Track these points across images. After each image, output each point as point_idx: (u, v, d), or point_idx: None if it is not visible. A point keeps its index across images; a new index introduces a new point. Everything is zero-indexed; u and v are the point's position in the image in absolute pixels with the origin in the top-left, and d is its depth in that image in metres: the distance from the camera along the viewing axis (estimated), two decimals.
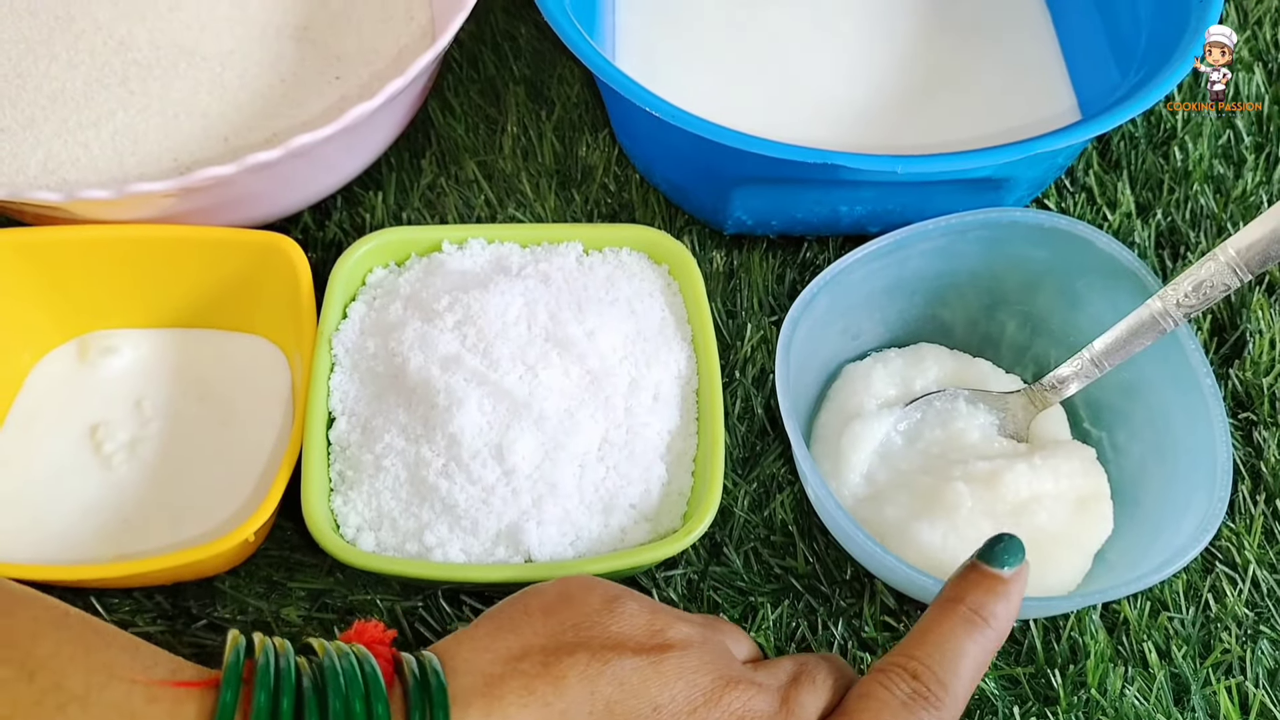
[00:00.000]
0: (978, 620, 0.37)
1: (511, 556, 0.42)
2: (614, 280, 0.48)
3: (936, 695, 0.35)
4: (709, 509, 0.42)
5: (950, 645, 0.36)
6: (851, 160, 0.45)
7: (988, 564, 0.38)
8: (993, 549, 0.38)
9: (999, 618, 0.37)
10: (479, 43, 0.63)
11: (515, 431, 0.43)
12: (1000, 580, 0.37)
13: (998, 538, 0.38)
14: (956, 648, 0.36)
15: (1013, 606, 0.37)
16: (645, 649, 0.35)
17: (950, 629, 0.36)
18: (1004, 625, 0.37)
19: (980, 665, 0.37)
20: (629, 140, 0.57)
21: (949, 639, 0.36)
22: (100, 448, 0.48)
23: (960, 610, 0.37)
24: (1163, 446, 0.47)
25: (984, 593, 0.37)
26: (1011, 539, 0.38)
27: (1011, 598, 0.37)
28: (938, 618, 0.37)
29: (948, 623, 0.37)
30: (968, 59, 0.59)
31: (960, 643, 0.36)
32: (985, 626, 0.37)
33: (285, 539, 0.48)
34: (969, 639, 0.36)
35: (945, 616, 0.37)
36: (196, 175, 0.45)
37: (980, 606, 0.37)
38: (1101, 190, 0.58)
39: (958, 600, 0.37)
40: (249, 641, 0.34)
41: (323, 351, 0.46)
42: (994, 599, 0.37)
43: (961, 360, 0.51)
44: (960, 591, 0.37)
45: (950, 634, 0.36)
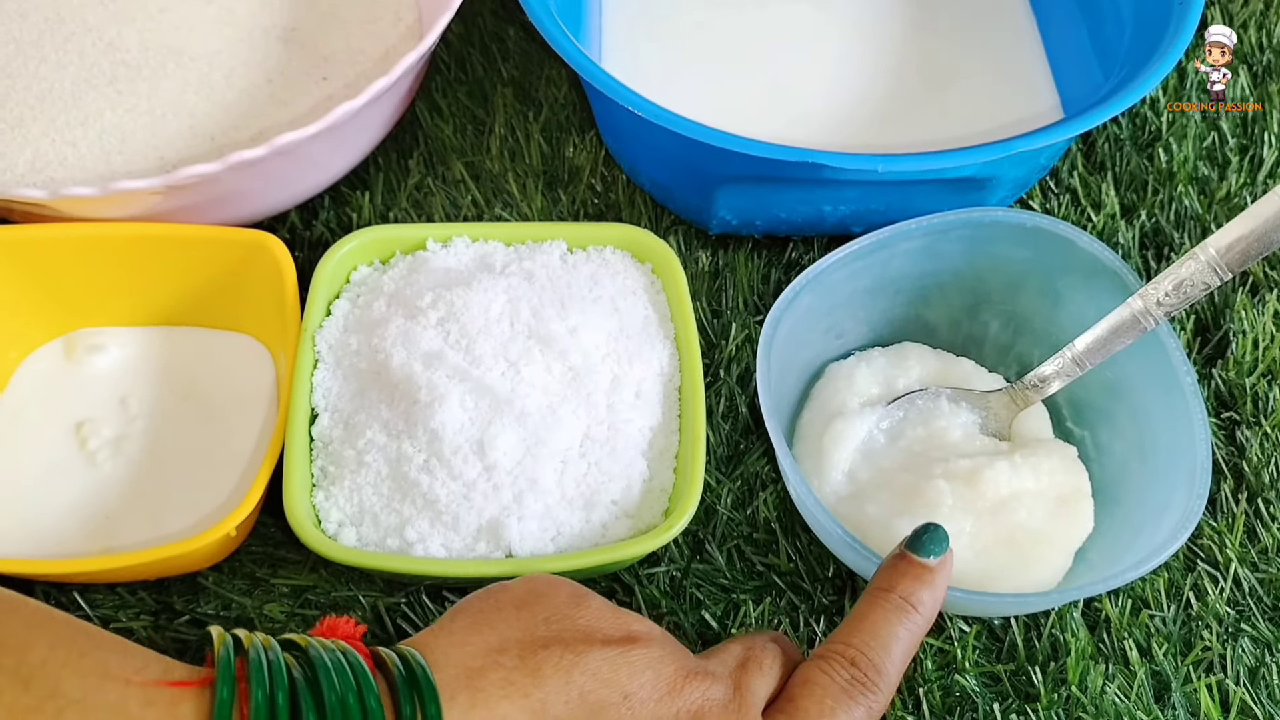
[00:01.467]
0: (907, 607, 0.39)
1: (492, 552, 0.43)
2: (597, 278, 0.48)
3: (873, 680, 0.37)
4: (690, 504, 0.43)
5: (883, 631, 0.38)
6: (833, 159, 0.46)
7: (915, 553, 0.40)
8: (919, 539, 0.40)
9: (926, 604, 0.39)
10: (467, 44, 0.63)
11: (497, 427, 0.43)
12: (926, 569, 0.40)
13: (923, 528, 0.41)
14: (889, 633, 0.38)
15: (938, 593, 0.40)
16: (614, 641, 0.36)
17: (883, 616, 0.39)
18: (930, 611, 0.40)
19: (910, 649, 0.39)
20: (614, 141, 0.57)
21: (882, 626, 0.39)
22: (85, 444, 0.48)
23: (891, 599, 0.39)
24: (1144, 445, 0.47)
25: (912, 581, 0.39)
26: (936, 529, 0.41)
27: (937, 585, 0.40)
28: (871, 605, 0.39)
29: (880, 610, 0.39)
30: (952, 59, 0.59)
31: (893, 629, 0.39)
32: (914, 613, 0.39)
33: (268, 535, 0.48)
34: (900, 625, 0.39)
35: (877, 604, 0.39)
36: (181, 173, 0.45)
37: (909, 594, 0.39)
38: (1086, 191, 0.58)
39: (889, 589, 0.39)
40: (235, 638, 0.34)
41: (306, 348, 0.46)
42: (921, 587, 0.39)
43: (944, 359, 0.52)
44: (890, 581, 0.40)
45: (883, 621, 0.39)
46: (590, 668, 0.35)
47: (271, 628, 0.46)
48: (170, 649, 0.45)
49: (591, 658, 0.35)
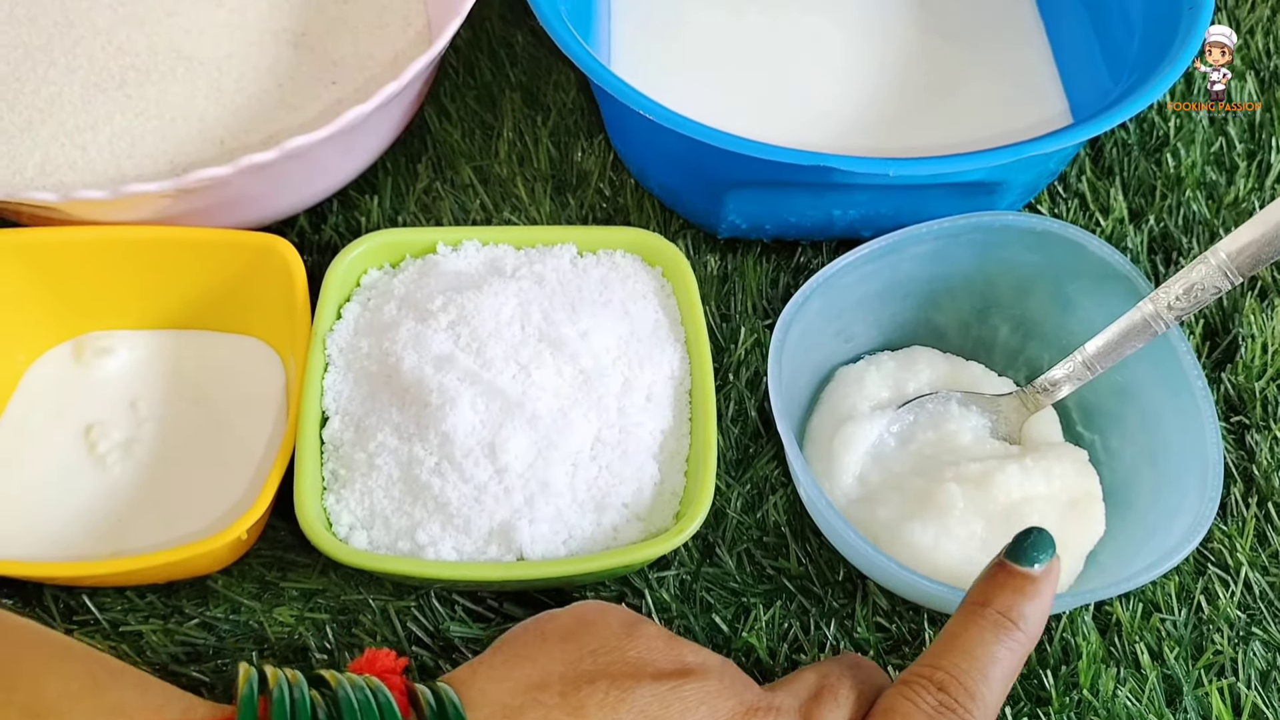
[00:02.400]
0: (1007, 624, 0.35)
1: (504, 555, 0.43)
2: (608, 282, 0.48)
3: (964, 706, 0.34)
4: (701, 508, 0.42)
5: (979, 652, 0.35)
6: (843, 163, 0.46)
7: (1016, 562, 0.36)
8: (1020, 545, 0.36)
9: (1029, 620, 0.35)
10: (475, 49, 0.64)
11: (508, 430, 0.43)
12: (1029, 579, 0.36)
13: (1026, 532, 0.37)
14: (986, 654, 0.35)
15: (1044, 605, 0.36)
16: (665, 675, 0.34)
17: (979, 634, 0.35)
18: (1035, 627, 0.36)
19: (1012, 671, 0.35)
20: (623, 145, 0.57)
21: (977, 645, 0.35)
22: (95, 447, 0.48)
23: (988, 614, 0.35)
24: (1154, 449, 0.47)
25: (1012, 593, 0.36)
26: (1041, 533, 0.37)
27: (1042, 596, 0.36)
28: (965, 623, 0.35)
29: (975, 628, 0.35)
30: (960, 65, 0.60)
31: (990, 649, 0.35)
32: (1015, 630, 0.35)
33: (278, 539, 0.48)
34: (999, 644, 0.35)
35: (973, 621, 0.35)
36: (192, 176, 0.45)
37: (1009, 609, 0.35)
38: (1094, 196, 0.58)
39: (985, 603, 0.36)
40: (261, 675, 0.33)
41: (316, 351, 0.46)
42: (1023, 599, 0.36)
43: (954, 363, 0.52)
44: (987, 594, 0.36)
45: (979, 640, 0.35)
46: (638, 705, 0.33)
47: (281, 631, 0.45)
48: (180, 653, 0.45)
49: (640, 694, 0.33)
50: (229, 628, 0.46)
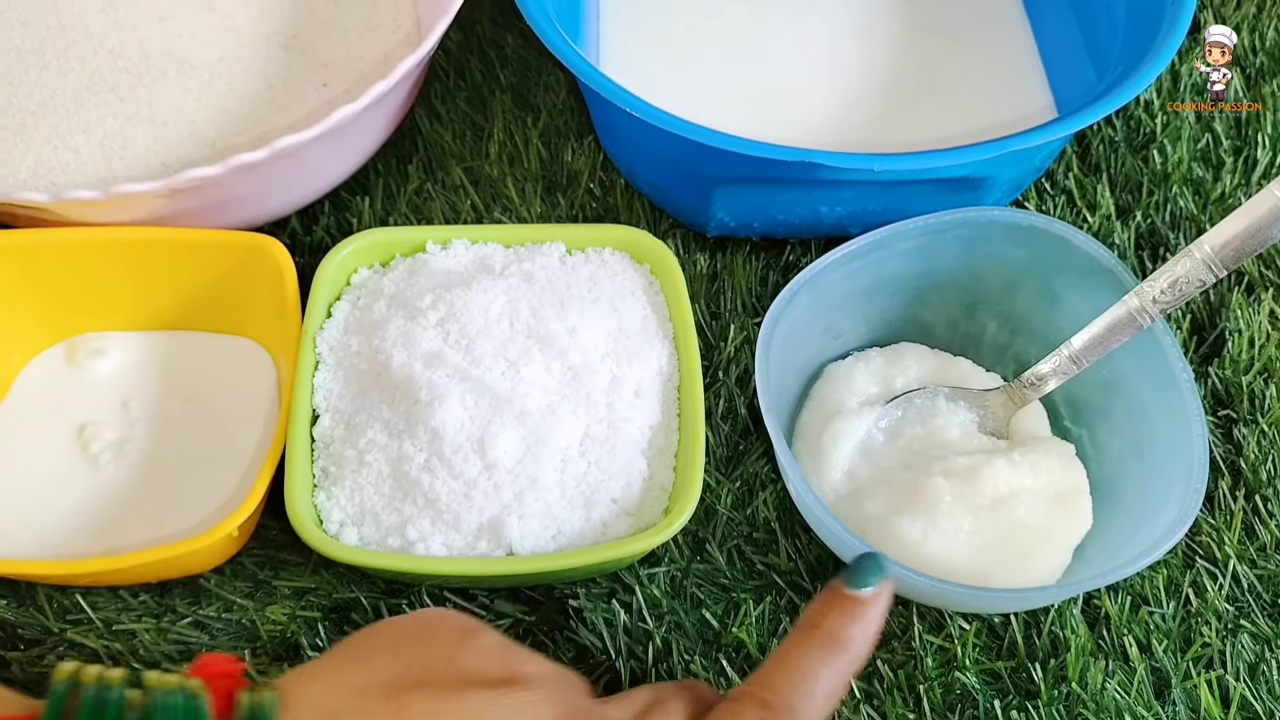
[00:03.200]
0: (833, 644, 0.37)
1: (493, 550, 0.43)
2: (596, 279, 0.49)
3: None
4: (690, 502, 0.43)
5: (803, 671, 0.36)
6: (829, 158, 0.46)
7: (848, 585, 0.38)
8: (854, 569, 0.38)
9: (856, 640, 0.37)
10: (466, 51, 0.64)
11: (497, 426, 0.43)
12: (858, 603, 0.37)
13: (861, 557, 0.38)
14: (810, 674, 0.36)
15: (871, 627, 0.37)
16: (492, 684, 0.34)
17: (805, 654, 0.36)
18: (861, 647, 0.37)
19: (835, 689, 0.37)
20: (612, 144, 0.57)
21: (802, 664, 0.36)
22: (88, 447, 0.48)
23: (816, 635, 0.37)
24: (1141, 442, 0.47)
25: (841, 615, 0.37)
26: (873, 558, 0.38)
27: (870, 619, 0.37)
28: (794, 643, 0.37)
29: (803, 648, 0.37)
30: (947, 60, 0.60)
31: (814, 669, 0.36)
32: (841, 650, 0.37)
33: (270, 538, 0.48)
34: (823, 664, 0.36)
35: (801, 641, 0.37)
36: (182, 176, 0.45)
37: (836, 630, 0.37)
38: (1081, 193, 0.59)
39: (815, 625, 0.37)
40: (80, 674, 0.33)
41: (307, 349, 0.46)
42: (851, 621, 0.37)
43: (942, 359, 0.52)
44: (818, 616, 0.37)
45: (804, 659, 0.36)
46: (460, 712, 0.33)
47: (274, 629, 0.46)
48: (173, 651, 0.45)
49: (463, 702, 0.33)
50: (222, 626, 0.46)
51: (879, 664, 0.45)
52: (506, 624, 0.46)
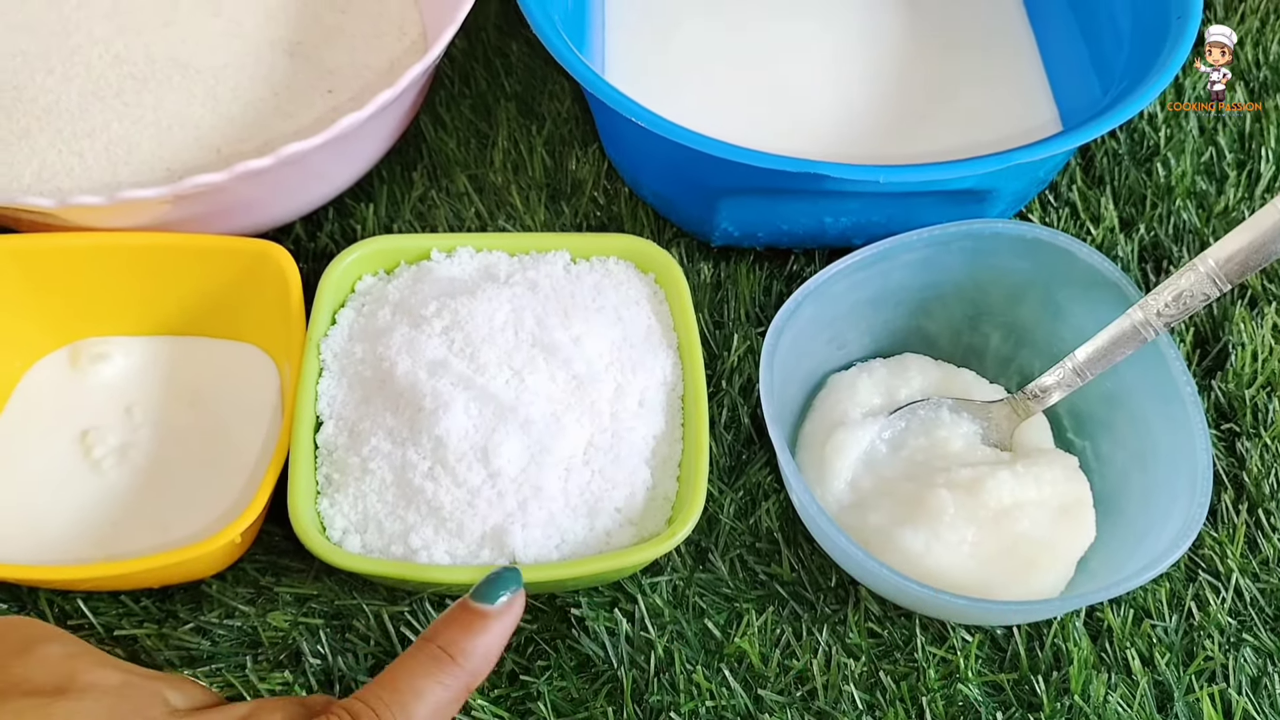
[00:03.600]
0: (445, 659, 0.37)
1: (497, 559, 0.43)
2: (601, 288, 0.49)
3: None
4: (693, 511, 0.43)
5: (406, 685, 0.36)
6: (834, 170, 0.46)
7: (476, 599, 0.38)
8: (485, 582, 0.38)
9: (470, 655, 0.37)
10: (471, 59, 0.64)
11: (501, 435, 0.43)
12: (480, 616, 0.37)
13: (496, 571, 0.39)
14: (412, 688, 0.36)
15: (491, 642, 0.38)
16: (40, 691, 0.34)
17: (412, 668, 0.36)
18: (479, 662, 0.37)
19: (440, 706, 0.36)
20: (617, 153, 0.57)
21: (408, 679, 0.36)
22: (90, 452, 0.48)
23: (429, 649, 0.37)
24: (1144, 455, 0.47)
25: (460, 629, 0.37)
26: (507, 571, 0.39)
27: (490, 633, 0.37)
28: (407, 657, 0.37)
29: (413, 662, 0.37)
30: (952, 74, 0.60)
31: (418, 682, 0.36)
32: (452, 664, 0.37)
33: (273, 544, 0.48)
34: (429, 678, 0.36)
35: (413, 655, 0.37)
36: (188, 182, 0.45)
37: (450, 643, 0.37)
38: (1085, 205, 0.59)
39: (430, 639, 0.37)
40: None
41: (311, 357, 0.46)
42: (468, 635, 0.37)
43: (946, 370, 0.52)
44: (434, 629, 0.37)
45: (409, 674, 0.36)
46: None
47: (275, 636, 0.46)
48: (174, 657, 0.45)
49: (3, 709, 0.33)
50: (224, 632, 0.46)
51: (881, 675, 0.45)
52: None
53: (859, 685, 0.45)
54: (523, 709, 0.44)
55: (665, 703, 0.44)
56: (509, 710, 0.44)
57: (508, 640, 0.38)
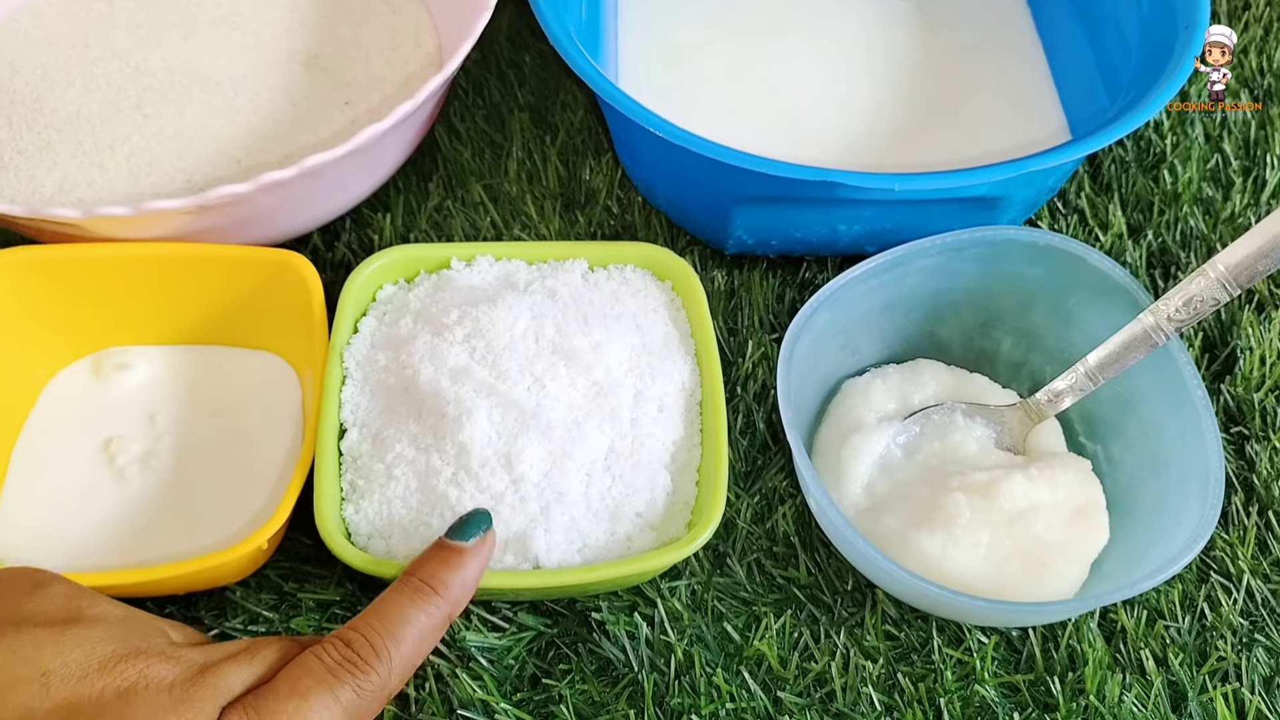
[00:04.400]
0: (426, 590, 0.39)
1: (520, 563, 0.43)
2: (619, 296, 0.49)
3: (367, 661, 0.37)
4: (714, 516, 0.43)
5: (393, 614, 0.38)
6: (850, 178, 0.47)
7: (450, 537, 0.41)
8: (457, 522, 0.41)
9: (450, 586, 0.40)
10: (484, 70, 0.65)
11: (523, 441, 0.44)
12: (456, 551, 0.40)
13: (467, 513, 0.42)
14: (399, 616, 0.38)
15: (468, 575, 0.40)
16: (53, 622, 0.36)
17: (397, 599, 0.39)
18: (457, 594, 0.40)
19: (425, 632, 0.39)
20: (631, 162, 0.58)
21: (393, 608, 0.39)
22: (114, 460, 0.49)
23: (411, 581, 0.39)
24: (1156, 458, 0.48)
25: (437, 564, 0.40)
26: (478, 512, 0.42)
27: (466, 567, 0.40)
28: (391, 590, 0.39)
29: (398, 595, 0.39)
30: (961, 83, 0.61)
31: (404, 611, 0.39)
32: (432, 595, 0.39)
33: (295, 551, 0.48)
34: (414, 607, 0.39)
35: (396, 589, 0.39)
36: (212, 193, 0.46)
37: (430, 576, 0.39)
38: (1093, 212, 0.59)
39: (411, 573, 0.40)
40: None
41: (334, 365, 0.47)
42: (446, 569, 0.40)
43: (959, 375, 0.53)
44: (415, 565, 0.40)
45: (395, 603, 0.39)
46: (12, 647, 0.35)
47: None
48: None
49: (18, 638, 0.35)
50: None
51: (899, 677, 0.46)
52: (530, 636, 0.47)
53: (877, 687, 0.46)
54: (545, 712, 0.45)
55: (686, 705, 0.45)
56: (531, 713, 0.45)
57: (480, 576, 0.41)
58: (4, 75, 0.58)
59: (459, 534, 0.41)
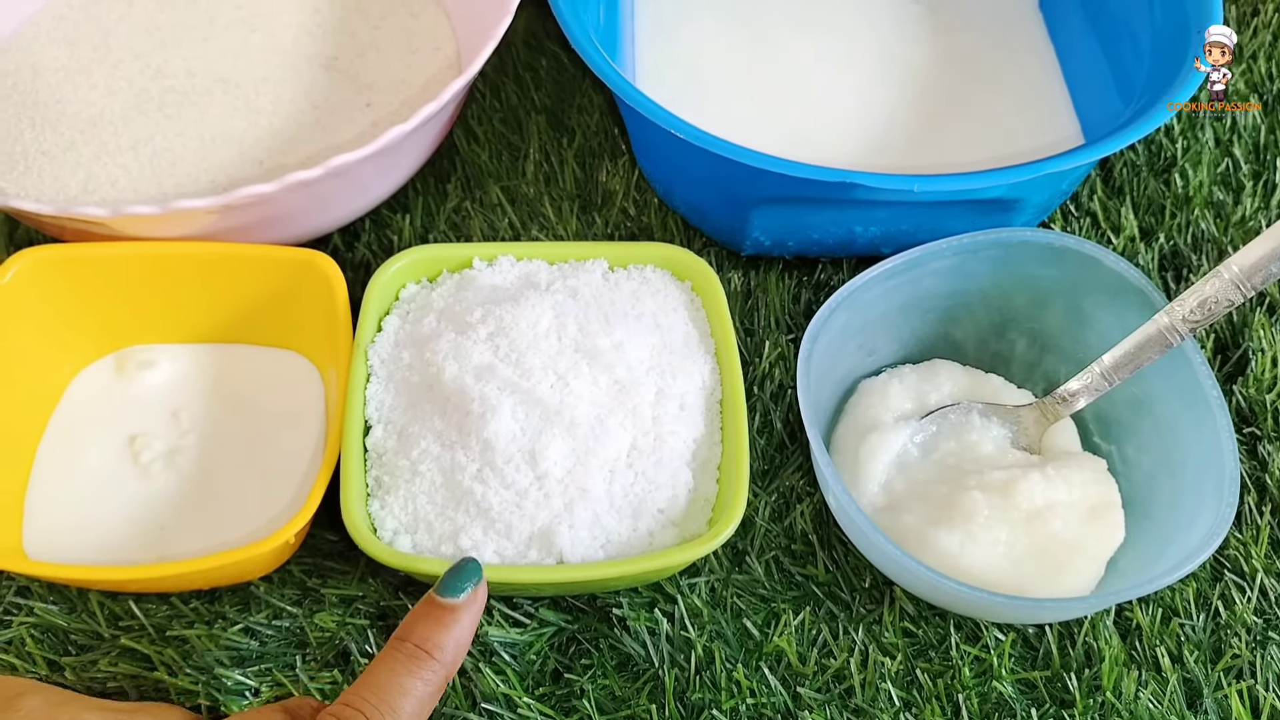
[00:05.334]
0: (421, 655, 0.38)
1: (544, 559, 0.44)
2: (639, 295, 0.50)
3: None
4: (736, 512, 0.44)
5: (390, 685, 0.37)
6: (869, 179, 0.47)
7: (440, 594, 0.39)
8: (447, 577, 0.39)
9: (445, 649, 0.38)
10: (501, 74, 0.65)
11: (547, 437, 0.44)
12: (448, 610, 0.39)
13: (457, 564, 0.40)
14: (396, 686, 0.37)
15: (462, 633, 0.39)
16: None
17: (392, 667, 0.37)
18: (452, 655, 0.38)
19: (424, 700, 0.37)
20: (649, 164, 0.59)
21: (388, 679, 0.37)
22: (138, 457, 0.49)
23: (405, 648, 0.38)
24: (1171, 458, 0.48)
25: (431, 625, 0.38)
26: (467, 563, 0.40)
27: (460, 625, 0.39)
28: (384, 657, 0.38)
29: (391, 661, 0.38)
30: (973, 87, 0.61)
31: (400, 680, 0.37)
32: (428, 660, 0.38)
33: (317, 546, 0.49)
34: (410, 675, 0.37)
35: (389, 656, 0.38)
36: (239, 193, 0.46)
37: (424, 640, 0.38)
38: (1105, 215, 0.60)
39: (405, 637, 0.38)
40: None
41: (359, 362, 0.47)
42: (439, 630, 0.38)
43: (974, 376, 0.53)
44: (407, 629, 0.38)
45: (391, 673, 0.37)
46: None
47: (323, 636, 0.46)
48: (224, 657, 0.46)
49: None
50: (272, 633, 0.47)
51: (918, 673, 0.46)
52: (551, 631, 0.47)
53: (896, 683, 0.46)
54: (567, 706, 0.45)
55: (707, 700, 0.45)
56: (553, 708, 0.45)
57: (475, 630, 0.40)
58: (26, 77, 0.58)
59: (450, 589, 0.39)
